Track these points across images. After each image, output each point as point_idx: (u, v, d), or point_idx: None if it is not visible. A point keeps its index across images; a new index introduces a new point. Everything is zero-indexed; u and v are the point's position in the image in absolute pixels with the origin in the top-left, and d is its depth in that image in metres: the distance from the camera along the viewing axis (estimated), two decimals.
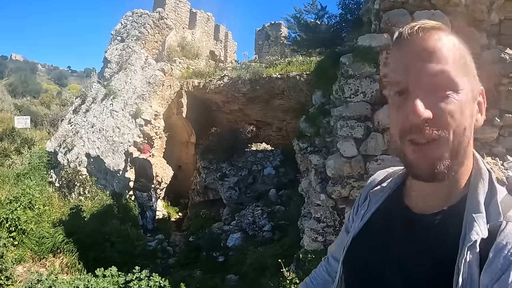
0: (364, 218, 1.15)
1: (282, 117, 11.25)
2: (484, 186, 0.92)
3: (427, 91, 0.86)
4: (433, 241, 0.93)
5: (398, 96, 0.90)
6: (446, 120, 0.85)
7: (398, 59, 0.91)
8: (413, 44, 0.88)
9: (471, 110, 0.89)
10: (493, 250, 0.82)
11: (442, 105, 0.85)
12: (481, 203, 0.89)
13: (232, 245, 7.55)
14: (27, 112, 19.22)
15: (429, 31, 0.88)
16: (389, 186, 1.16)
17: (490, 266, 0.80)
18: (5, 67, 52.32)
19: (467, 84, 0.88)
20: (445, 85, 0.86)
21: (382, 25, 4.30)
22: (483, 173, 0.94)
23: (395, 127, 0.92)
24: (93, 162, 10.09)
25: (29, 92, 32.28)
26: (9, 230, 7.53)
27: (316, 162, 5.29)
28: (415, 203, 1.02)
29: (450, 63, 0.86)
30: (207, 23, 18.71)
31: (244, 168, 10.21)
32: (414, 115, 0.84)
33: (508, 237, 0.82)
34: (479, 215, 0.87)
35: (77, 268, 7.11)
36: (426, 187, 0.96)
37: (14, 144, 14.09)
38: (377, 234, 1.08)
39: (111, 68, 11.42)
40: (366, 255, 1.07)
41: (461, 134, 0.87)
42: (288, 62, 10.87)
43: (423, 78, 0.86)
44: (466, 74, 0.89)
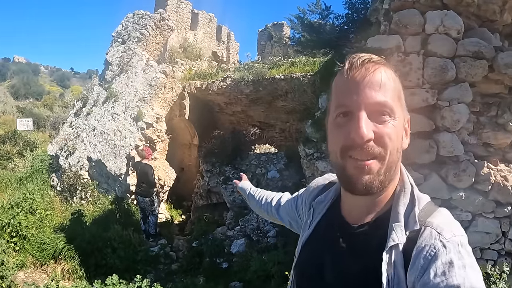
0: (310, 227, 1.28)
1: (286, 118, 11.12)
2: (405, 199, 1.06)
3: (369, 115, 0.98)
4: (362, 249, 1.06)
5: (342, 117, 1.02)
6: (385, 141, 0.98)
7: (346, 85, 1.01)
8: (362, 75, 0.99)
9: (402, 134, 1.05)
10: (414, 252, 0.95)
11: (382, 128, 0.98)
12: (401, 213, 1.03)
13: (236, 251, 7.41)
14: (30, 114, 19.15)
15: (376, 64, 1.01)
16: (330, 197, 1.30)
17: (413, 266, 0.94)
18: (8, 69, 52.49)
19: (400, 113, 1.03)
20: (386, 112, 0.99)
21: (393, 26, 4.16)
22: (406, 187, 1.08)
23: (336, 145, 1.03)
24: (94, 166, 9.97)
25: (31, 94, 32.30)
26: (10, 236, 7.46)
27: (323, 169, 5.16)
28: (348, 214, 1.15)
29: (391, 94, 1.00)
30: (209, 24, 18.58)
31: (248, 171, 10.06)
32: (358, 136, 0.95)
33: (426, 240, 0.95)
34: (397, 224, 1.01)
35: (79, 275, 7.01)
36: (357, 200, 1.09)
37: (16, 147, 13.99)
38: (321, 243, 1.21)
39: (112, 70, 11.29)
40: (314, 261, 1.19)
41: (394, 153, 1.01)
42: (291, 63, 10.76)
43: (370, 104, 0.97)
44: (400, 104, 1.04)
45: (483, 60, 4.15)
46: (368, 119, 0.97)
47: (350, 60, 1.03)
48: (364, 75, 0.99)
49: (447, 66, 4.07)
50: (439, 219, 1.00)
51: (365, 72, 0.99)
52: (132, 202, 9.48)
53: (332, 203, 1.27)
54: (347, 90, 1.01)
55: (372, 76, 0.98)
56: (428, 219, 1.00)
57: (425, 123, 4.20)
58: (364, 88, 0.98)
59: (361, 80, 0.98)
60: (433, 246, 0.92)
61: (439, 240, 0.93)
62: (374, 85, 0.98)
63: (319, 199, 1.33)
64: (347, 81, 1.01)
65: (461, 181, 4.30)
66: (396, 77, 1.05)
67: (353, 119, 0.98)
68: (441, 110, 4.16)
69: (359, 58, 1.01)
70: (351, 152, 0.98)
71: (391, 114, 0.99)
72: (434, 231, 0.95)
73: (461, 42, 4.16)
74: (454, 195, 4.34)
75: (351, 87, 1.00)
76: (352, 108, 0.99)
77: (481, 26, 4.48)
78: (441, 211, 1.05)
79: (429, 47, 4.12)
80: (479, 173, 4.34)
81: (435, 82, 4.12)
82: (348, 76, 1.01)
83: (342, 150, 1.00)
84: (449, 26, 4.10)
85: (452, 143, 4.19)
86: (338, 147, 1.01)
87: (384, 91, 0.98)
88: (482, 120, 4.50)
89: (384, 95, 0.98)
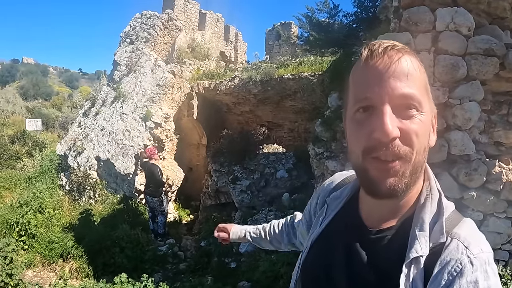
0: (322, 225, 1.18)
1: (294, 118, 11.10)
2: (432, 206, 0.96)
3: (394, 109, 0.87)
4: (381, 256, 0.97)
5: (362, 112, 0.91)
6: (412, 139, 0.88)
7: (367, 75, 0.91)
8: (385, 63, 0.88)
9: (429, 131, 0.94)
10: (437, 266, 0.87)
11: (408, 124, 0.88)
12: (426, 222, 0.93)
13: (245, 251, 7.38)
14: (39, 115, 19.28)
15: (400, 52, 0.89)
16: (346, 194, 1.19)
17: (434, 281, 0.86)
18: (17, 70, 52.88)
19: (428, 106, 0.92)
20: (413, 106, 0.88)
21: (403, 23, 4.11)
22: (433, 193, 0.98)
23: (357, 145, 0.92)
24: (103, 165, 10.01)
25: (40, 94, 32.54)
26: (19, 234, 7.53)
27: (333, 169, 5.12)
28: (367, 216, 1.06)
29: (418, 85, 0.89)
30: (217, 24, 18.57)
31: (256, 171, 10.05)
32: (382, 133, 0.85)
33: (452, 254, 0.87)
34: (421, 233, 0.92)
35: (87, 273, 7.06)
36: (378, 202, 0.98)
37: (25, 147, 14.12)
38: (333, 242, 1.11)
39: (120, 70, 11.33)
40: (322, 262, 1.11)
41: (421, 152, 0.91)
42: (299, 62, 10.74)
43: (393, 96, 0.87)
44: (428, 96, 0.93)
45: (494, 58, 4.08)
46: (392, 114, 0.87)
47: (370, 47, 0.92)
48: (387, 63, 0.88)
49: (458, 63, 4.02)
50: (466, 231, 0.92)
51: (389, 60, 0.88)
52: (140, 201, 9.50)
53: (348, 201, 1.17)
54: (367, 81, 0.90)
55: (397, 64, 0.87)
56: (454, 230, 0.92)
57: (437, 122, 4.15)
58: (387, 79, 0.87)
59: (384, 69, 0.88)
60: (460, 261, 0.85)
61: (466, 255, 0.86)
62: (400, 75, 0.87)
63: (334, 195, 1.23)
64: (367, 71, 0.91)
65: (472, 180, 4.24)
66: (422, 66, 0.94)
67: (376, 114, 0.87)
68: (452, 108, 4.11)
69: (380, 45, 0.90)
70: (375, 153, 0.88)
71: (419, 108, 0.89)
72: (461, 245, 0.88)
73: (471, 40, 4.11)
74: (466, 194, 4.29)
75: (373, 77, 0.89)
76: (374, 102, 0.88)
77: (492, 24, 4.41)
78: (466, 221, 0.97)
79: (440, 44, 4.07)
80: (490, 172, 4.28)
81: (446, 80, 4.07)
82: (369, 65, 0.90)
83: (365, 151, 0.90)
84: (460, 23, 4.04)
85: (463, 141, 4.14)
86: (360, 148, 0.91)
87: (411, 82, 0.88)
88: (493, 118, 4.44)
89: (411, 86, 0.87)
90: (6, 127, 16.26)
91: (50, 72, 69.67)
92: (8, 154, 12.70)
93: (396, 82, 0.87)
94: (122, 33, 12.18)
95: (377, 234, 1.00)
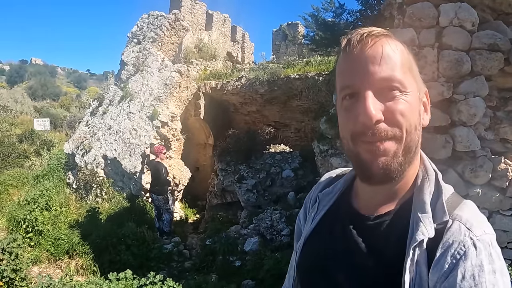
0: (314, 220, 1.16)
1: (301, 118, 11.09)
2: (430, 187, 0.95)
3: (377, 93, 0.89)
4: (381, 242, 0.95)
5: (348, 99, 0.93)
6: (397, 119, 0.89)
7: (347, 64, 0.94)
8: (362, 50, 0.91)
9: (418, 110, 0.95)
10: (440, 248, 0.85)
11: (392, 105, 0.89)
12: (427, 203, 0.92)
13: (249, 249, 7.38)
14: (47, 115, 19.43)
15: (377, 37, 0.91)
16: (338, 188, 1.18)
17: (437, 264, 0.84)
18: (25, 71, 53.39)
19: (413, 86, 0.93)
20: (395, 87, 0.89)
21: (407, 19, 4.11)
22: (429, 173, 0.98)
23: (346, 130, 0.95)
24: (110, 164, 10.07)
25: (48, 95, 32.79)
26: (26, 231, 7.59)
27: (338, 166, 5.10)
28: (363, 205, 1.05)
29: (398, 66, 0.90)
30: (224, 24, 18.62)
31: (262, 171, 10.05)
32: (365, 117, 0.87)
33: (455, 236, 0.85)
34: (425, 215, 0.90)
35: (92, 270, 7.09)
36: (373, 189, 0.99)
37: (33, 146, 14.22)
38: (327, 236, 1.09)
39: (127, 70, 11.40)
40: (317, 258, 1.09)
41: (412, 131, 0.91)
42: (306, 62, 10.74)
43: (374, 81, 0.89)
44: (412, 76, 0.94)
45: (498, 53, 4.06)
46: (375, 98, 0.88)
47: (348, 36, 0.94)
48: (363, 50, 0.90)
49: (462, 59, 4.00)
50: (468, 212, 0.91)
51: (364, 46, 0.90)
52: (147, 199, 9.54)
53: (341, 195, 1.15)
54: (348, 69, 0.93)
55: (373, 49, 0.90)
56: (455, 212, 0.90)
57: (441, 117, 4.13)
58: (366, 65, 0.89)
59: (362, 55, 0.90)
60: (462, 243, 0.84)
61: (468, 237, 0.84)
62: (377, 59, 0.89)
63: (326, 190, 1.21)
64: (347, 59, 0.94)
65: (478, 177, 4.21)
66: (405, 48, 0.95)
67: (359, 100, 0.89)
68: (457, 104, 4.09)
69: (357, 34, 0.92)
70: (363, 137, 0.90)
71: (401, 88, 0.90)
72: (463, 226, 0.86)
73: (476, 35, 4.09)
74: (471, 191, 4.26)
75: (353, 65, 0.92)
76: (356, 88, 0.91)
77: (496, 19, 4.39)
78: (467, 203, 0.95)
79: (444, 40, 4.06)
80: (496, 169, 4.24)
81: (451, 76, 4.06)
82: (348, 54, 0.93)
83: (353, 136, 0.92)
84: (464, 18, 4.03)
85: (468, 137, 4.11)
86: (349, 133, 0.93)
87: (389, 64, 0.89)
88: (499, 115, 4.40)
89: (390, 68, 0.89)
90: (15, 127, 16.39)
91: (58, 73, 70.30)
92: (16, 153, 12.79)
93: (374, 66, 0.89)
94: (129, 33, 12.25)
95: (375, 220, 0.99)
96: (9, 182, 10.37)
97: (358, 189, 1.08)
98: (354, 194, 1.11)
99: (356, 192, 1.10)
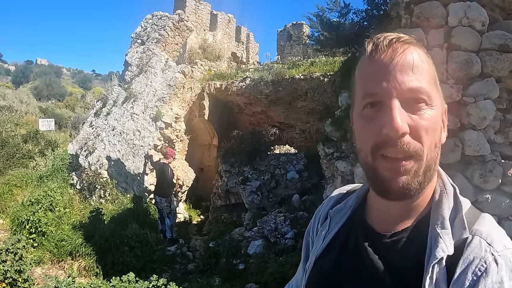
0: (326, 239, 1.11)
1: (306, 119, 11.01)
2: (449, 202, 0.92)
3: (404, 104, 0.84)
4: (398, 260, 0.91)
5: (370, 107, 0.88)
6: (421, 135, 0.84)
7: (372, 70, 0.88)
8: (391, 56, 0.86)
9: (440, 126, 0.90)
10: (460, 265, 0.82)
11: (418, 120, 0.84)
12: (446, 218, 0.88)
13: (253, 252, 7.32)
14: (52, 115, 19.44)
15: (406, 44, 0.87)
16: (350, 204, 1.13)
17: (457, 282, 0.80)
18: (31, 71, 53.53)
19: (438, 100, 0.89)
20: (422, 100, 0.85)
21: (414, 19, 4.02)
22: (447, 188, 0.95)
23: (366, 142, 0.89)
24: (113, 165, 10.03)
25: (54, 95, 32.81)
26: (29, 232, 7.56)
27: (343, 169, 5.02)
28: (377, 221, 1.01)
29: (426, 78, 0.86)
30: (228, 25, 18.57)
31: (267, 172, 9.98)
32: (391, 129, 0.82)
33: (475, 252, 0.82)
34: (444, 231, 0.86)
35: (95, 272, 7.06)
36: (390, 205, 0.94)
37: (38, 146, 14.24)
38: (341, 255, 1.04)
39: (131, 71, 11.37)
40: (329, 277, 1.03)
41: (432, 149, 0.87)
42: (311, 62, 10.68)
43: (401, 91, 0.84)
44: (437, 90, 0.90)
45: (509, 54, 3.96)
46: (401, 108, 0.83)
47: (374, 40, 0.89)
48: (393, 56, 0.85)
49: (472, 60, 3.91)
50: (487, 227, 0.87)
51: (394, 53, 0.85)
52: (150, 201, 9.48)
53: (353, 212, 1.11)
54: (374, 76, 0.87)
55: (403, 57, 0.85)
56: (475, 226, 0.87)
57: (450, 121, 4.01)
58: (394, 73, 0.84)
59: (390, 62, 0.85)
60: (484, 260, 0.80)
61: (490, 253, 0.81)
62: (406, 68, 0.84)
63: (338, 207, 1.16)
64: (373, 65, 0.88)
65: (487, 182, 4.11)
66: (429, 58, 0.91)
67: (384, 110, 0.84)
68: (466, 106, 3.99)
69: (385, 38, 0.87)
70: (384, 150, 0.85)
71: (428, 101, 0.85)
72: (484, 242, 0.83)
73: (485, 35, 4.00)
74: (480, 197, 4.15)
75: (379, 72, 0.86)
76: (382, 97, 0.85)
77: (506, 19, 4.29)
78: (485, 217, 0.92)
79: (453, 40, 3.96)
80: (506, 174, 4.14)
81: (460, 77, 3.96)
82: (374, 59, 0.88)
83: (373, 148, 0.87)
84: (473, 18, 3.93)
85: (478, 141, 4.01)
86: (369, 145, 0.88)
87: (419, 75, 0.85)
88: (509, 118, 4.30)
89: (419, 79, 0.85)
90: (20, 127, 16.40)
91: (63, 73, 70.38)
92: (20, 153, 12.80)
93: (403, 75, 0.84)
94: (133, 34, 12.22)
95: (392, 238, 0.95)
96: (13, 183, 10.37)
97: (373, 203, 1.04)
98: (367, 210, 1.06)
99: (370, 208, 1.05)
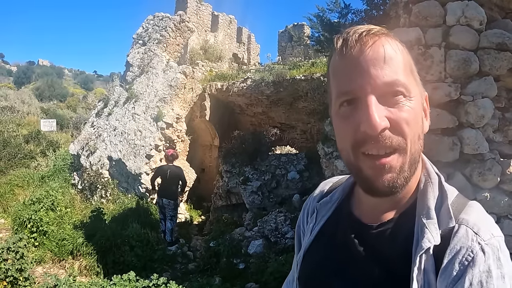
0: (314, 231, 1.11)
1: (307, 119, 11.03)
2: (434, 191, 0.91)
3: (380, 99, 0.82)
4: (385, 250, 0.90)
5: (346, 105, 0.86)
6: (403, 128, 0.82)
7: (344, 67, 0.85)
8: (361, 51, 0.83)
9: (421, 116, 0.89)
10: (447, 255, 0.81)
11: (397, 112, 0.82)
12: (432, 208, 0.88)
13: (253, 252, 7.33)
14: (54, 116, 19.52)
15: (376, 36, 0.84)
16: (336, 197, 1.12)
17: (445, 272, 0.80)
18: (33, 72, 53.65)
19: (416, 90, 0.87)
20: (399, 92, 0.83)
21: (413, 18, 4.04)
22: (432, 177, 0.93)
23: (345, 141, 0.87)
24: (115, 165, 10.06)
25: (55, 96, 32.86)
26: (31, 231, 7.59)
27: (342, 168, 5.04)
28: (364, 213, 1.00)
29: (402, 69, 0.84)
30: (230, 26, 18.62)
31: (268, 172, 9.99)
32: (369, 126, 0.80)
33: (462, 241, 0.81)
34: (430, 221, 0.85)
35: (96, 271, 7.07)
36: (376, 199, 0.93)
37: (39, 147, 14.29)
38: (328, 247, 1.04)
39: (133, 71, 11.41)
40: (318, 270, 1.03)
41: (416, 141, 0.85)
42: (311, 63, 10.69)
43: (376, 86, 0.81)
44: (414, 79, 0.88)
45: (507, 52, 3.97)
46: (378, 104, 0.81)
47: (344, 36, 0.86)
48: (363, 51, 0.82)
49: (470, 58, 3.92)
50: (474, 215, 0.86)
51: (364, 47, 0.82)
52: (152, 201, 9.50)
53: (340, 204, 1.10)
54: (346, 73, 0.85)
55: (374, 50, 0.82)
56: (461, 215, 0.86)
57: (449, 119, 4.04)
58: (367, 68, 0.81)
59: (362, 57, 0.82)
60: (470, 249, 0.80)
61: (476, 242, 0.80)
62: (379, 61, 0.81)
63: (324, 200, 1.15)
64: (344, 62, 0.85)
65: (486, 180, 4.11)
66: (404, 47, 0.88)
67: (361, 107, 0.82)
68: (464, 105, 4.00)
69: (354, 32, 0.84)
70: (364, 147, 0.83)
71: (406, 93, 0.83)
72: (471, 231, 0.82)
73: (484, 34, 4.01)
74: (479, 195, 4.15)
75: (351, 68, 0.84)
76: (357, 94, 0.83)
77: (504, 18, 4.31)
78: (473, 205, 0.90)
79: (451, 39, 3.98)
80: (505, 172, 4.14)
81: (458, 76, 3.98)
82: (345, 55, 0.84)
83: (354, 146, 0.85)
84: (471, 16, 3.95)
85: (476, 140, 4.02)
86: (349, 143, 0.86)
87: (393, 67, 0.82)
88: (508, 116, 4.31)
89: (394, 71, 0.82)
90: (21, 127, 16.48)
91: (65, 74, 70.54)
92: (22, 153, 12.84)
93: (377, 69, 0.82)
94: (134, 35, 12.27)
95: (378, 228, 0.94)
96: (14, 183, 10.42)
97: (361, 197, 1.02)
98: (354, 202, 1.06)
99: (357, 200, 1.05)
